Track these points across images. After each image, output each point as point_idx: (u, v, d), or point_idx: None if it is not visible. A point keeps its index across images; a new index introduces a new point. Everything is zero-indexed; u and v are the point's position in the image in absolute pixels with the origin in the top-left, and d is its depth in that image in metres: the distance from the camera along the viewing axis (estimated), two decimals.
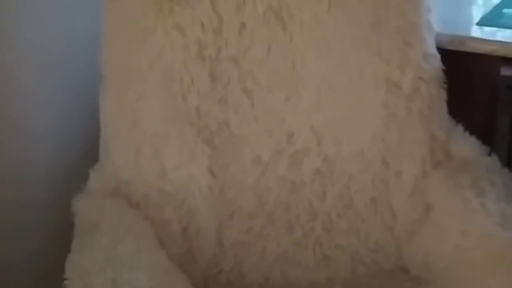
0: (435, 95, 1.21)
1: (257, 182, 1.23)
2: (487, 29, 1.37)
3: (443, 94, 1.22)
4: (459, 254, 1.10)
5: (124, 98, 1.18)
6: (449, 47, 1.30)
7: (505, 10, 1.43)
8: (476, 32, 1.38)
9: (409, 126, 1.21)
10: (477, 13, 1.45)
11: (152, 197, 1.19)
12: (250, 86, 1.19)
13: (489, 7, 1.45)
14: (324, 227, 1.26)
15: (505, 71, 1.48)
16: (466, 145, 1.22)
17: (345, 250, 1.27)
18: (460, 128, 1.24)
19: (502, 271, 1.01)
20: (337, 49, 1.18)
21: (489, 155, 1.21)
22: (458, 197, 1.13)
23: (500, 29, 1.36)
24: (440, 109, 1.23)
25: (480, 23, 1.39)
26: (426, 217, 1.21)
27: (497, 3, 1.47)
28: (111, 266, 0.99)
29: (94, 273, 0.97)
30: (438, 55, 1.24)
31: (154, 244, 1.11)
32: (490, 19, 1.40)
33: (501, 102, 1.44)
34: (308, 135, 1.22)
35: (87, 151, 1.25)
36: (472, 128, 1.26)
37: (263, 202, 1.24)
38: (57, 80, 1.27)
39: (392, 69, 1.18)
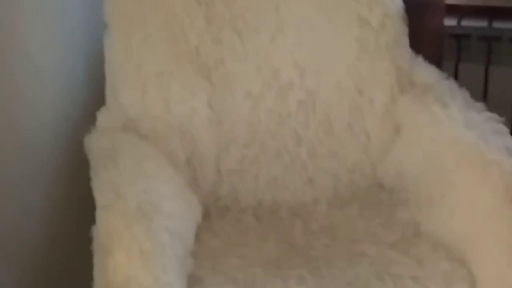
0: (399, 30, 1.40)
1: (249, 115, 1.38)
2: None
3: (406, 30, 1.42)
4: (428, 160, 1.29)
5: (129, 43, 1.30)
6: None
7: None
8: None
9: (379, 58, 1.40)
10: None
11: (159, 130, 1.31)
12: (240, 27, 1.34)
13: None
14: (308, 152, 1.43)
15: (449, 21, 1.70)
16: (427, 72, 1.42)
17: (327, 173, 1.44)
18: (420, 59, 1.44)
19: (467, 167, 1.20)
20: None
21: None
22: (424, 112, 1.32)
23: None
24: (404, 43, 1.42)
25: None
26: (397, 136, 1.40)
27: None
28: (140, 179, 1.12)
29: (124, 185, 1.09)
30: None
31: (169, 167, 1.24)
32: None
33: (446, 50, 1.66)
34: (292, 70, 1.38)
35: (93, 98, 1.36)
36: None
37: (255, 133, 1.40)
38: (63, 29, 1.36)
39: (362, 7, 1.36)
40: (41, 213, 1.32)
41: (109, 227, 1.05)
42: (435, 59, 1.58)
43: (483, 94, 1.78)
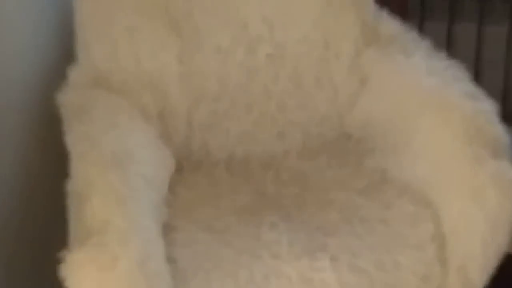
0: None
1: (219, 69, 1.41)
2: None
3: None
4: (393, 108, 1.33)
5: None
6: None
7: None
8: None
9: (344, 11, 1.43)
10: None
11: (130, 84, 1.33)
12: None
13: None
14: (278, 106, 1.46)
15: None
16: (391, 25, 1.46)
17: (296, 126, 1.47)
18: (384, 13, 1.47)
19: (430, 112, 1.24)
20: None
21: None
22: (388, 62, 1.36)
23: None
24: None
25: None
26: (363, 88, 1.44)
27: None
28: (113, 129, 1.14)
29: (99, 135, 1.12)
30: None
31: (141, 120, 1.27)
32: None
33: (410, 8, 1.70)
34: (260, 24, 1.41)
35: (64, 54, 1.37)
36: None
37: (225, 87, 1.42)
38: None
39: None
40: (13, 171, 1.33)
41: (85, 175, 1.07)
42: (400, 14, 1.61)
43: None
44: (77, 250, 0.98)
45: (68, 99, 1.27)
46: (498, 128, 1.16)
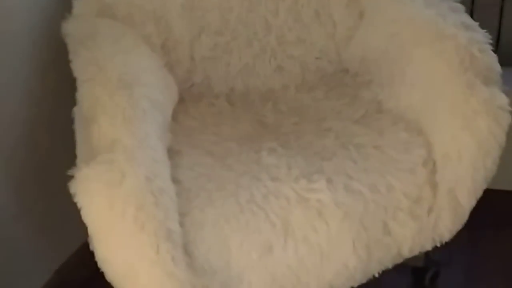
0: None
1: (221, 2, 1.44)
2: None
3: None
4: (390, 40, 1.36)
5: None
6: None
7: None
8: None
9: None
10: None
11: (134, 15, 1.37)
12: None
13: None
14: (277, 40, 1.50)
15: None
16: None
17: (295, 60, 1.51)
18: None
19: (425, 42, 1.28)
20: None
21: None
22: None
23: None
24: None
25: None
26: (361, 22, 1.47)
27: None
28: (119, 54, 1.18)
29: (105, 59, 1.15)
30: None
31: (146, 46, 1.30)
32: None
33: None
34: None
35: None
36: None
37: (226, 20, 1.45)
38: None
39: None
40: (18, 99, 1.37)
41: (92, 98, 1.11)
42: None
43: None
44: (86, 167, 1.02)
45: (73, 28, 1.31)
46: (490, 57, 1.20)
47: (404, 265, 1.44)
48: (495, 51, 1.22)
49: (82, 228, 1.06)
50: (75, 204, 1.03)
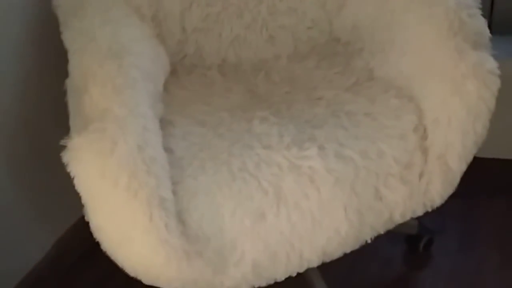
0: None
1: None
2: None
3: None
4: (380, 7, 1.36)
5: None
6: None
7: None
8: None
9: None
10: None
11: None
12: None
13: None
14: (268, 10, 1.49)
15: None
16: None
17: (287, 30, 1.51)
18: None
19: (415, 8, 1.27)
20: None
21: None
22: None
23: None
24: None
25: None
26: None
27: None
28: (109, 23, 1.18)
29: (95, 29, 1.16)
30: None
31: (137, 17, 1.30)
32: None
33: None
34: None
35: None
36: None
37: None
38: None
39: None
40: (11, 71, 1.38)
41: (82, 68, 1.12)
42: None
43: None
44: (77, 136, 1.03)
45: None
46: (480, 21, 1.20)
47: (399, 233, 1.46)
48: (489, 20, 1.22)
49: (80, 202, 1.07)
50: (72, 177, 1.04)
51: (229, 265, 1.08)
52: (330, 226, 1.14)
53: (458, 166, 1.20)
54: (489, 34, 1.20)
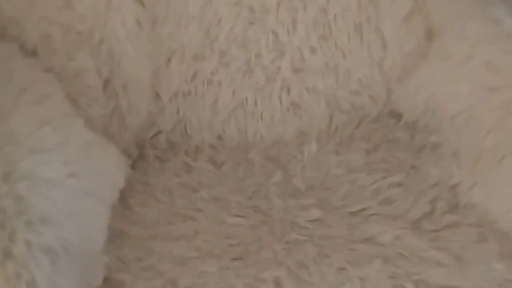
0: None
1: (203, 11, 0.89)
2: None
3: None
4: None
5: None
6: None
7: None
8: None
9: None
10: None
11: (56, 39, 0.82)
12: None
13: None
14: (293, 66, 0.96)
15: None
16: None
17: (320, 95, 0.98)
18: None
19: None
20: None
21: None
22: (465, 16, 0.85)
23: None
24: None
25: None
26: (428, 47, 0.92)
27: None
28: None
29: None
30: None
31: (64, 109, 0.76)
32: None
33: None
34: None
35: None
36: None
37: (211, 39, 0.92)
38: None
39: None
40: None
41: None
42: None
43: None
44: None
45: None
46: None
47: None
48: None
49: None
50: None
51: None
52: None
53: None
54: None
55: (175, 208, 0.86)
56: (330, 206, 0.86)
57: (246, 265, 0.78)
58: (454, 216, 0.83)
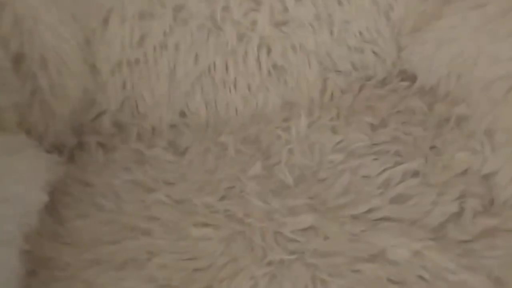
0: None
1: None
2: None
3: None
4: None
5: None
6: None
7: None
8: None
9: None
10: None
11: None
12: None
13: None
14: (273, 20, 0.76)
15: None
16: None
17: (310, 54, 0.78)
18: None
19: None
20: None
21: None
22: None
23: None
24: None
25: None
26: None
27: None
28: None
29: None
30: None
31: None
32: None
33: None
34: None
35: None
36: None
37: None
38: None
39: None
40: None
41: None
42: None
43: None
44: None
45: None
46: None
47: None
48: None
49: None
50: None
51: None
52: None
53: None
54: None
55: (122, 218, 0.65)
56: (325, 207, 0.66)
57: None
58: (490, 220, 0.62)
